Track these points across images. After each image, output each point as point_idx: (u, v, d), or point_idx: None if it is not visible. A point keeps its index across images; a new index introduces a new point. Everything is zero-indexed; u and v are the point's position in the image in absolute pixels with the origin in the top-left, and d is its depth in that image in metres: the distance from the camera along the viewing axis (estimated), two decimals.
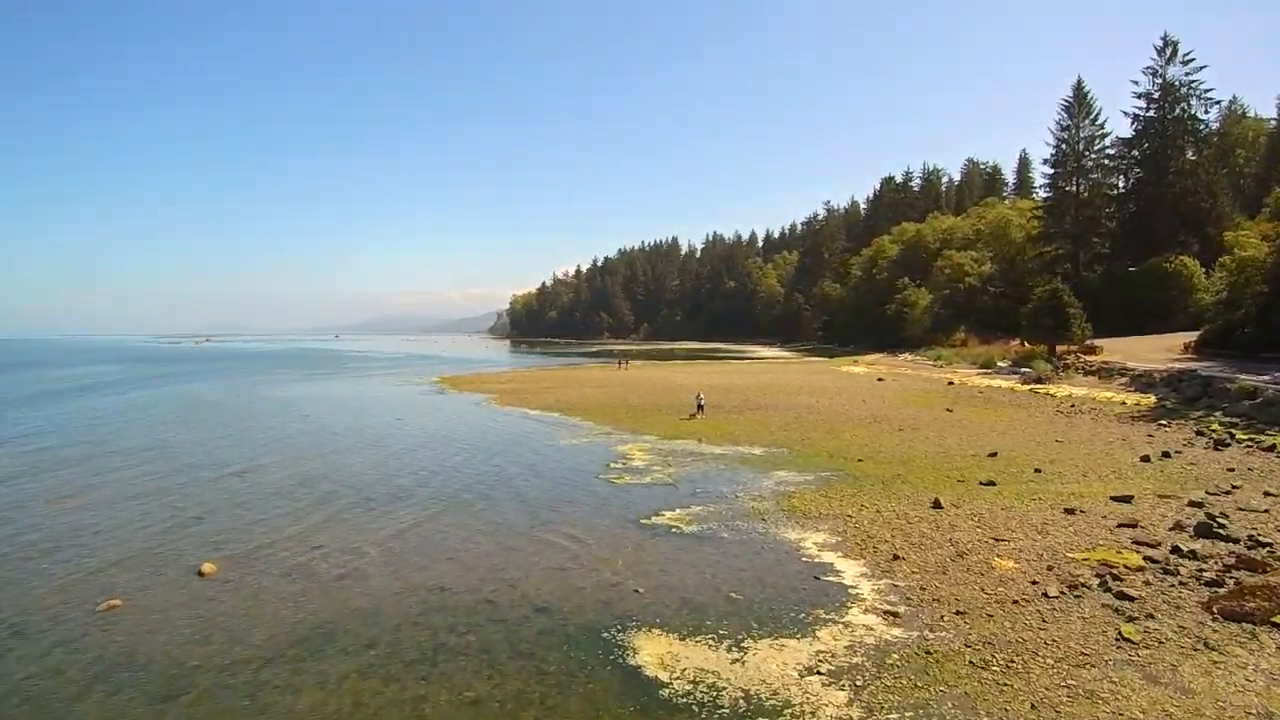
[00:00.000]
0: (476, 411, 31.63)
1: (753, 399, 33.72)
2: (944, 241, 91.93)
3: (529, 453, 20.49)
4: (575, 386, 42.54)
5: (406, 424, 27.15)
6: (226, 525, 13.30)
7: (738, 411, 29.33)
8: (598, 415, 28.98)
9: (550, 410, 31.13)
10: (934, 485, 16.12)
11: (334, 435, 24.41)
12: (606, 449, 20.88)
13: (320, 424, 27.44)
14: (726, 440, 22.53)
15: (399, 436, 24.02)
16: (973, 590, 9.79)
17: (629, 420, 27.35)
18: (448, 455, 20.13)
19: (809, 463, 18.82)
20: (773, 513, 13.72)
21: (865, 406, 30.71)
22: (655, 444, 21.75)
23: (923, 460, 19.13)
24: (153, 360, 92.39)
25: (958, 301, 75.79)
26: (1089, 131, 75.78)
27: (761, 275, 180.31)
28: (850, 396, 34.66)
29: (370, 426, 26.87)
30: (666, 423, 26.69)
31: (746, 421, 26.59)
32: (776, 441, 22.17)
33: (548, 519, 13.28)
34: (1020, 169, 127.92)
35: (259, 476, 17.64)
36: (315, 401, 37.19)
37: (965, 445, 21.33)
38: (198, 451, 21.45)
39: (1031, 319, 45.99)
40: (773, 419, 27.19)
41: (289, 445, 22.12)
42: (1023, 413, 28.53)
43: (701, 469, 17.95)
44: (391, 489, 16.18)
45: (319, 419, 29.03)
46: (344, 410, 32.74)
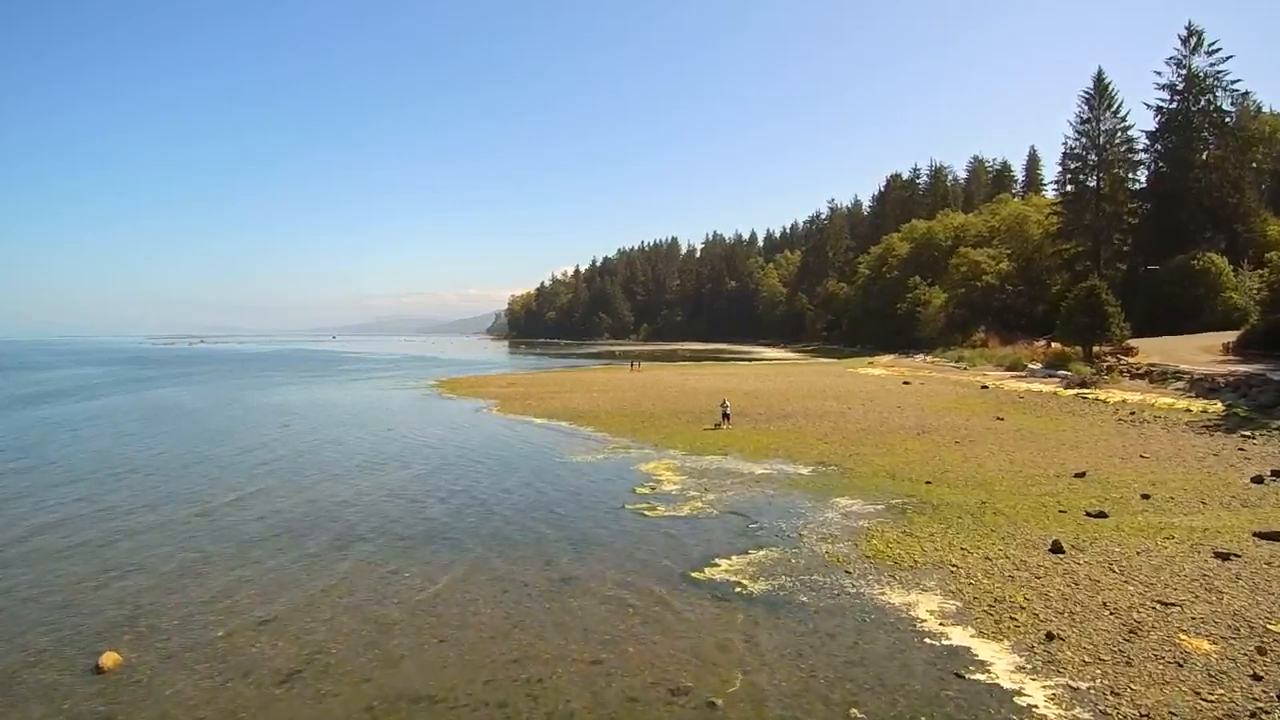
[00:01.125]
0: (475, 420, 28.73)
1: (778, 406, 30.87)
2: (956, 239, 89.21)
3: (538, 473, 17.58)
4: (582, 391, 39.65)
5: (397, 437, 24.19)
6: (148, 593, 10.15)
7: (766, 421, 26.47)
8: (611, 424, 26.10)
9: (557, 418, 28.24)
10: (1033, 517, 13.29)
11: (312, 452, 21.43)
12: (628, 467, 18.00)
13: (300, 437, 24.50)
14: (764, 455, 19.66)
15: (387, 453, 21.01)
16: (1182, 694, 6.93)
17: (647, 431, 24.46)
18: (441, 477, 17.23)
19: (870, 486, 15.96)
20: (855, 560, 10.86)
21: (904, 414, 27.87)
22: (683, 461, 18.86)
23: (1002, 483, 16.28)
24: (140, 362, 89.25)
25: (974, 301, 73.00)
26: (1110, 124, 73.01)
27: (763, 275, 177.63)
28: (882, 403, 31.82)
29: (356, 439, 23.94)
30: (689, 434, 23.82)
31: (780, 433, 23.73)
32: (822, 457, 19.30)
33: (571, 573, 10.34)
34: (1030, 166, 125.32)
35: (209, 517, 14.00)
36: (300, 409, 34.24)
37: (1040, 462, 18.51)
38: (149, 476, 18.26)
39: (1067, 318, 43.20)
40: (808, 429, 24.33)
41: (259, 468, 19.02)
42: (1082, 422, 25.72)
43: (746, 494, 15.07)
44: (370, 527, 13.11)
45: (300, 431, 26.09)
46: (330, 419, 29.82)
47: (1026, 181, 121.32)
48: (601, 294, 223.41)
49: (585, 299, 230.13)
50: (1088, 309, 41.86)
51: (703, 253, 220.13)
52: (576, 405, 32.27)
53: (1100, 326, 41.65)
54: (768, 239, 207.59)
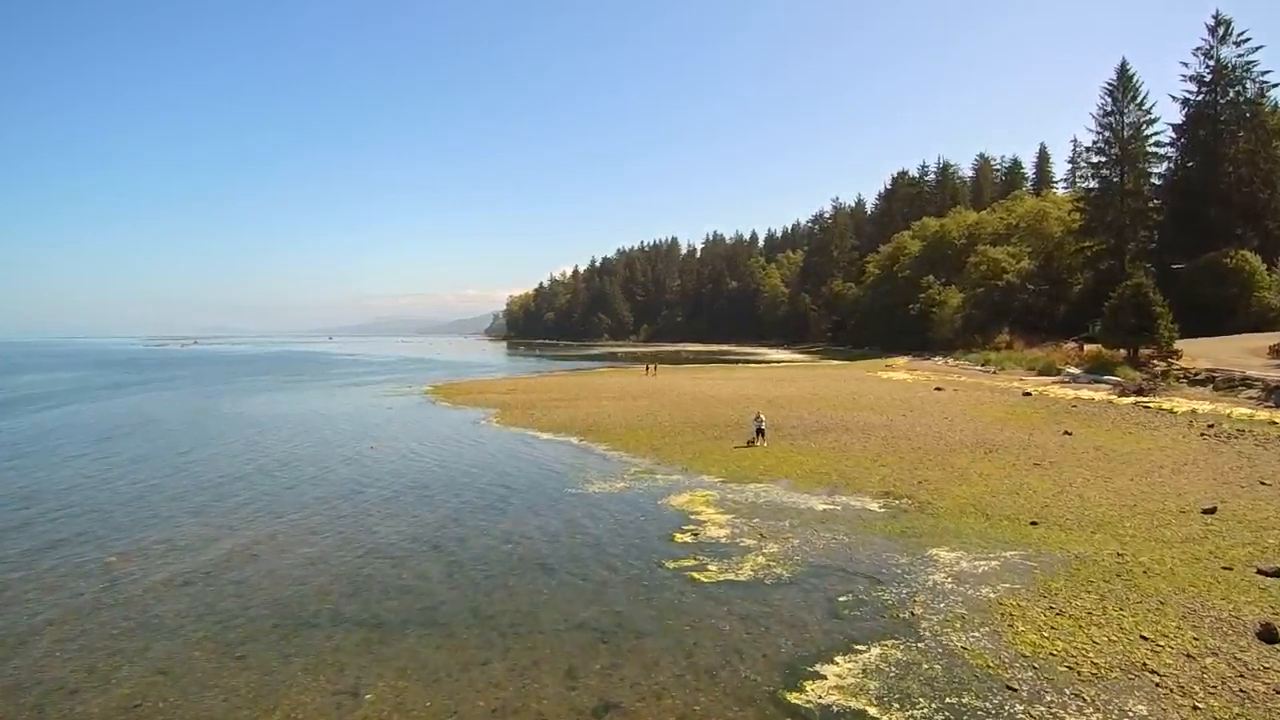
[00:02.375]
0: (472, 434, 25.51)
1: (809, 417, 27.71)
2: (970, 237, 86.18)
3: (547, 511, 14.31)
4: (589, 398, 36.43)
5: (379, 458, 20.82)
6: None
7: (804, 436, 23.29)
8: (628, 441, 22.91)
9: (565, 432, 25.04)
10: (1196, 578, 10.18)
11: (277, 477, 17.94)
12: (657, 501, 14.80)
13: (269, 457, 21.18)
14: (817, 483, 16.50)
15: (364, 480, 17.57)
16: None
17: (671, 449, 21.26)
18: (427, 519, 13.86)
19: (964, 530, 12.81)
20: (1009, 663, 7.69)
21: (956, 427, 24.73)
22: (723, 492, 15.68)
23: (1123, 523, 13.15)
24: (125, 366, 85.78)
25: (994, 301, 69.86)
26: (1135, 117, 69.99)
27: (765, 275, 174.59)
28: (925, 412, 28.68)
29: (330, 461, 20.60)
30: (720, 453, 20.64)
31: (824, 452, 20.56)
32: (887, 485, 16.14)
33: (608, 695, 6.81)
34: (1040, 163, 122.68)
35: (109, 584, 10.62)
36: (278, 420, 30.99)
37: (1150, 493, 15.40)
38: (77, 512, 14.87)
39: (1111, 319, 40.12)
40: (854, 446, 21.17)
41: (211, 501, 15.51)
42: (1161, 437, 22.59)
43: (816, 544, 11.89)
44: (323, 605, 9.64)
45: (268, 448, 22.79)
46: (308, 433, 26.56)
47: (1037, 178, 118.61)
48: (601, 294, 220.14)
49: (584, 299, 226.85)
50: (1134, 309, 38.80)
51: (703, 252, 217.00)
52: (585, 416, 29.06)
53: (1147, 328, 38.61)
54: (768, 239, 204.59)
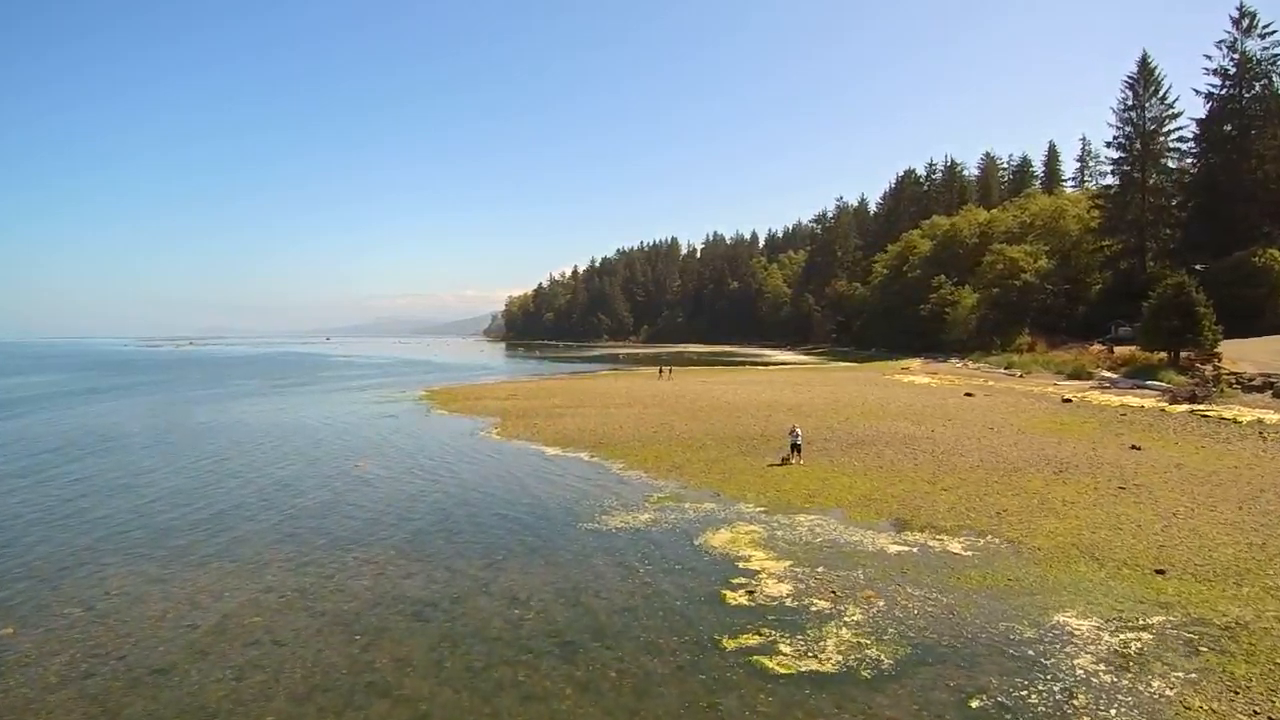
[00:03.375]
0: (470, 449, 22.98)
1: (840, 427, 25.23)
2: (983, 236, 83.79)
3: (562, 554, 11.71)
4: (596, 404, 33.89)
5: (364, 481, 18.03)
6: None
7: (842, 450, 20.79)
8: (645, 457, 20.39)
9: (574, 446, 22.52)
10: None
11: (237, 510, 15.15)
12: (694, 541, 12.28)
13: (234, 481, 18.44)
14: (875, 513, 14.01)
15: (341, 516, 14.49)
16: None
17: (696, 468, 18.74)
18: (412, 567, 11.06)
19: (1079, 581, 10.33)
20: None
21: (1007, 440, 22.25)
22: (770, 526, 13.16)
23: (1264, 570, 10.72)
24: (112, 368, 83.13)
25: (1011, 301, 67.36)
26: (1156, 111, 67.70)
27: (766, 275, 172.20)
28: (966, 422, 26.22)
29: (307, 483, 17.99)
30: (752, 472, 18.13)
31: (870, 470, 18.07)
32: (959, 518, 13.65)
33: None
34: (1049, 161, 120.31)
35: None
36: (257, 432, 28.44)
37: (1273, 526, 12.96)
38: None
39: (1151, 320, 37.67)
40: (903, 464, 18.68)
41: (146, 546, 12.58)
42: (1241, 452, 20.14)
43: (906, 605, 9.39)
44: (268, 702, 7.28)
45: (239, 469, 20.12)
46: (287, 448, 23.99)
47: (1046, 177, 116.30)
48: (600, 294, 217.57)
49: (584, 300, 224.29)
50: (1178, 309, 36.37)
51: (703, 253, 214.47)
52: (594, 426, 26.54)
53: (1191, 330, 36.19)
54: (769, 239, 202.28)
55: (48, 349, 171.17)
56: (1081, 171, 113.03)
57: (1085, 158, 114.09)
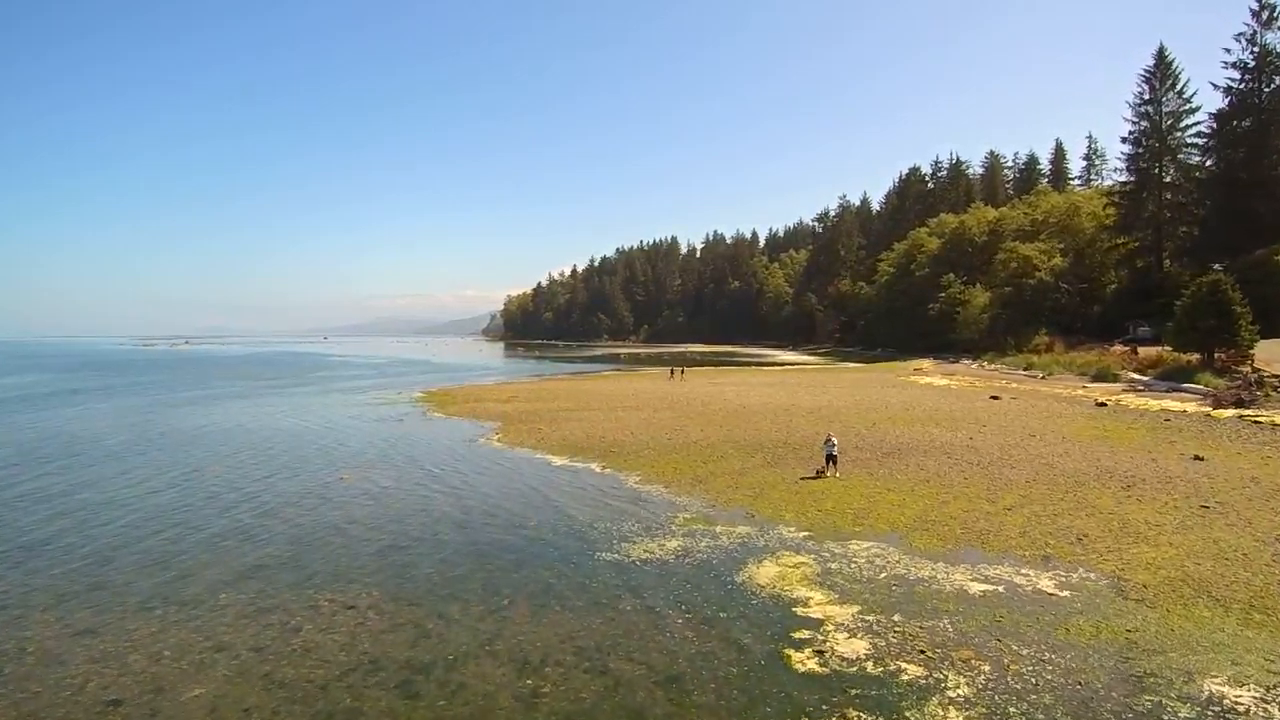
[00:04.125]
0: (469, 458, 21.05)
1: (870, 433, 23.35)
2: (993, 233, 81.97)
3: (577, 597, 9.65)
4: (601, 407, 31.97)
5: (349, 497, 16.08)
6: None
7: (877, 460, 18.91)
8: (664, 468, 18.48)
9: (582, 454, 20.61)
10: None
11: (197, 534, 12.93)
12: (735, 578, 10.36)
13: (201, 496, 16.37)
14: (939, 538, 12.12)
15: (318, 540, 12.66)
16: None
17: (721, 481, 16.84)
18: (402, 614, 9.07)
19: (1214, 635, 8.46)
20: None
21: (1052, 447, 20.38)
22: (819, 554, 11.27)
23: None
24: (98, 368, 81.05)
25: (1025, 300, 65.54)
26: (1174, 105, 65.95)
27: (768, 275, 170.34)
28: (1001, 428, 24.35)
29: (285, 498, 16.05)
30: (784, 486, 16.24)
31: (916, 484, 16.19)
32: (1035, 544, 11.78)
33: None
34: (1056, 159, 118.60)
35: None
36: (237, 437, 26.51)
37: None
38: None
39: (1184, 319, 35.82)
40: (951, 477, 16.80)
41: (96, 576, 10.64)
42: None
43: (1019, 670, 7.51)
44: None
45: (210, 481, 18.12)
46: (268, 456, 22.04)
47: (1053, 175, 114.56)
48: (600, 294, 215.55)
49: (583, 299, 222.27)
50: (1213, 308, 34.54)
51: (704, 252, 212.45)
52: (603, 432, 24.63)
53: (1228, 330, 34.39)
54: (770, 238, 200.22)
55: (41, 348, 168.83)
56: (1088, 170, 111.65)
57: (1092, 156, 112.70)
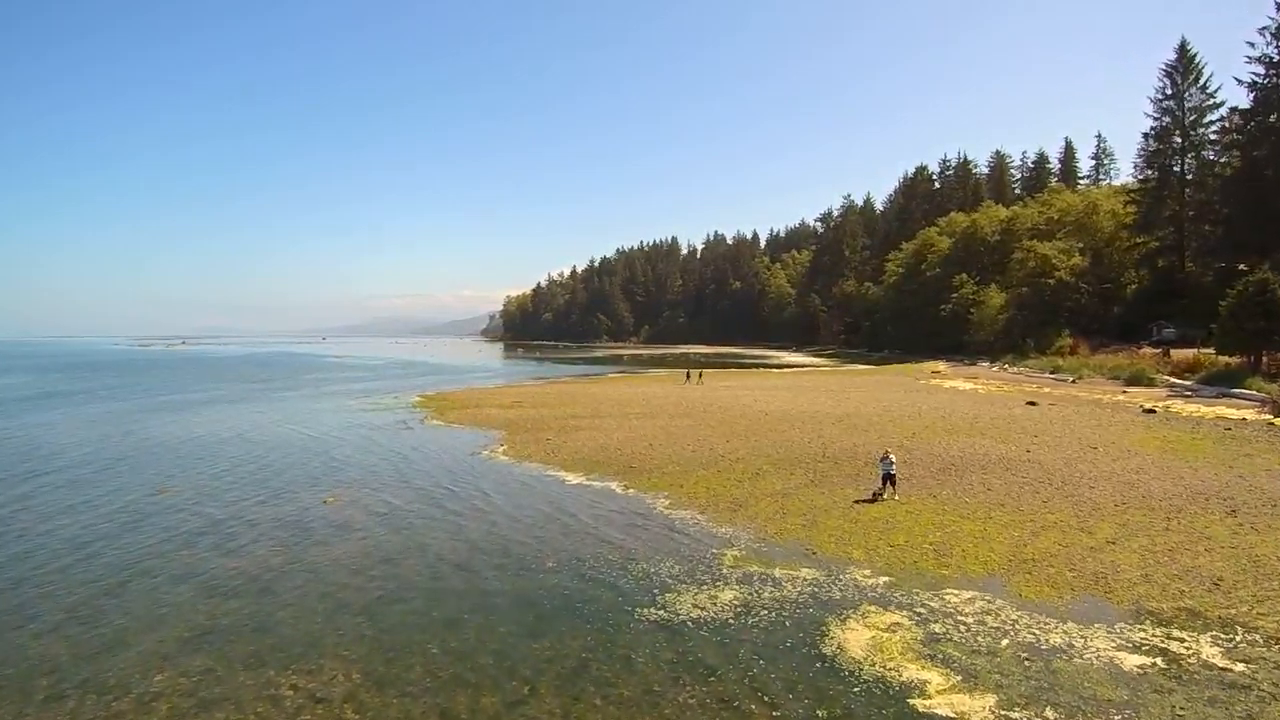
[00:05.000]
0: (473, 474, 18.86)
1: (913, 445, 21.17)
2: (1006, 232, 79.96)
3: (622, 675, 7.53)
4: (614, 415, 29.76)
5: (333, 524, 13.90)
6: None
7: (932, 478, 16.75)
8: (695, 488, 16.29)
9: (602, 472, 18.42)
10: None
11: (147, 574, 10.72)
12: (819, 644, 8.14)
13: (161, 524, 14.09)
14: (1050, 585, 9.94)
15: (294, 582, 10.54)
16: None
17: (765, 506, 14.64)
18: (387, 697, 7.05)
19: None
20: None
21: (1123, 462, 18.22)
22: (916, 613, 9.08)
23: None
24: (85, 368, 78.71)
25: (1043, 301, 63.46)
26: (1197, 100, 63.96)
27: (770, 275, 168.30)
28: (1055, 439, 22.18)
29: (257, 529, 13.74)
30: (840, 512, 14.06)
31: (985, 508, 14.03)
32: (1162, 591, 9.63)
33: None
34: (1065, 158, 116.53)
35: None
36: (217, 447, 24.31)
37: None
38: None
39: (1230, 321, 33.76)
40: (1025, 500, 14.63)
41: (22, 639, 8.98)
42: None
43: None
44: None
45: (176, 502, 15.89)
46: (246, 472, 19.82)
47: (1063, 173, 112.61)
48: (600, 294, 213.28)
49: (583, 300, 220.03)
50: (1260, 310, 32.49)
51: (705, 252, 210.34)
52: (620, 444, 22.43)
53: (1278, 332, 32.35)
54: (771, 238, 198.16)
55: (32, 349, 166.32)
56: (1096, 170, 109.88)
57: (1100, 155, 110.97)
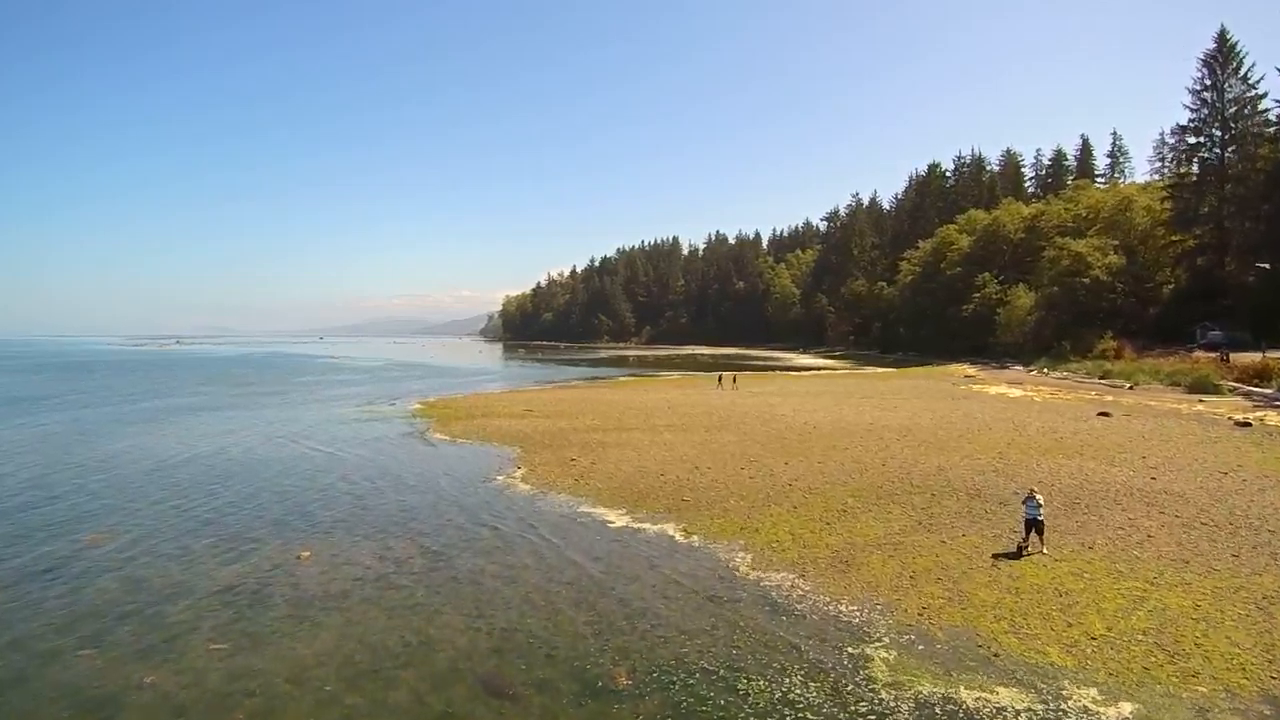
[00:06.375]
0: (489, 508, 15.40)
1: (1010, 471, 17.77)
2: (1030, 230, 76.70)
3: None
4: (640, 426, 26.28)
5: (307, 593, 10.25)
6: None
7: (1066, 518, 13.30)
8: (773, 533, 12.86)
9: (648, 506, 14.97)
10: None
11: (13, 683, 7.73)
12: None
13: (87, 584, 10.74)
14: None
15: (236, 710, 7.11)
16: None
17: (879, 564, 11.20)
18: None
19: None
20: None
21: (1272, 494, 14.84)
22: None
23: None
24: (64, 370, 75.12)
25: (1078, 301, 60.09)
26: (1238, 91, 60.73)
27: (774, 275, 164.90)
28: (1172, 462, 18.80)
29: (208, 596, 10.24)
30: (978, 574, 10.65)
31: (1169, 569, 10.62)
32: None
33: None
34: (1082, 155, 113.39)
35: None
36: (176, 471, 20.81)
37: None
38: None
39: None
40: (1216, 557, 11.23)
41: None
42: None
43: None
44: None
45: (96, 565, 12.08)
46: (204, 510, 16.22)
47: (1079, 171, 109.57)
48: (601, 294, 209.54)
49: (584, 300, 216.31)
50: None
51: (707, 252, 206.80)
52: (658, 465, 18.98)
53: None
54: (774, 238, 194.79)
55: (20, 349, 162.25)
56: (1112, 168, 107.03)
57: (1116, 153, 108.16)
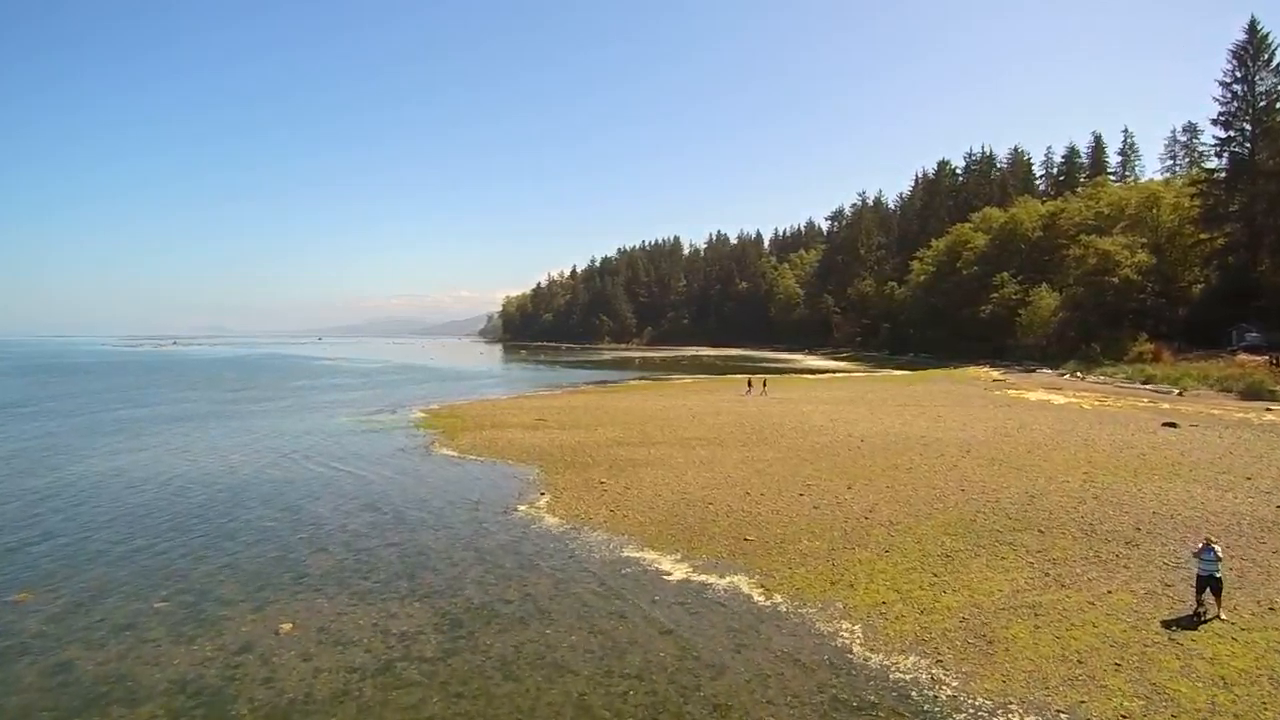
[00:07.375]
0: (514, 552, 12.95)
1: (1102, 495, 15.37)
2: (1048, 228, 74.47)
3: None
4: (669, 440, 23.82)
5: (285, 697, 7.65)
6: None
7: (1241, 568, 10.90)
8: (868, 589, 10.49)
9: (707, 551, 12.57)
10: None
11: None
12: None
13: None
14: None
15: None
16: None
17: (1011, 636, 8.83)
18: None
19: None
20: None
21: None
22: None
23: None
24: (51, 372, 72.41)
25: (1105, 301, 57.80)
26: (1269, 84, 58.49)
27: (778, 275, 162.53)
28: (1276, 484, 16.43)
29: (158, 695, 8.03)
30: (1158, 655, 8.27)
31: None
32: None
33: None
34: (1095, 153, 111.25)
35: None
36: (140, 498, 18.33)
37: None
38: None
39: None
40: None
41: None
42: None
43: None
44: None
45: (35, 621, 9.73)
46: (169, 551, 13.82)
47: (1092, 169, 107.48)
48: (601, 295, 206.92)
49: (584, 300, 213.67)
50: None
51: (709, 252, 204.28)
52: (703, 490, 16.55)
53: None
54: (776, 238, 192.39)
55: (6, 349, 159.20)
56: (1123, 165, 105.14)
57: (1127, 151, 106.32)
